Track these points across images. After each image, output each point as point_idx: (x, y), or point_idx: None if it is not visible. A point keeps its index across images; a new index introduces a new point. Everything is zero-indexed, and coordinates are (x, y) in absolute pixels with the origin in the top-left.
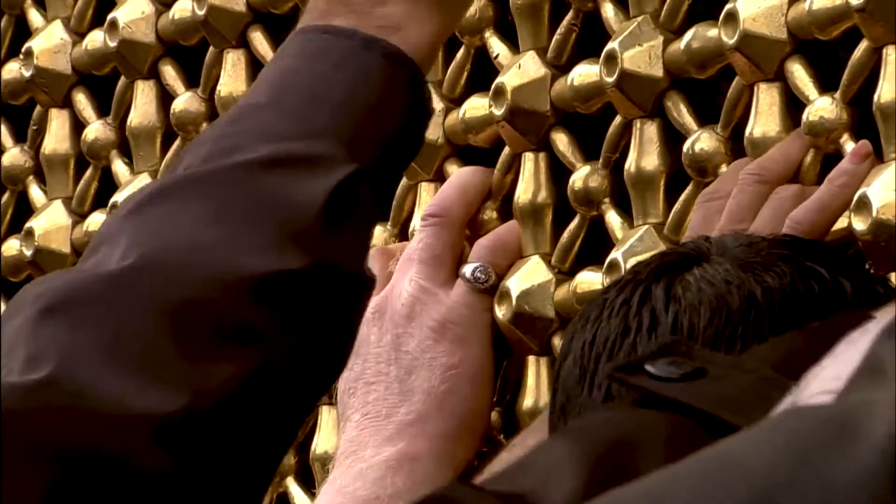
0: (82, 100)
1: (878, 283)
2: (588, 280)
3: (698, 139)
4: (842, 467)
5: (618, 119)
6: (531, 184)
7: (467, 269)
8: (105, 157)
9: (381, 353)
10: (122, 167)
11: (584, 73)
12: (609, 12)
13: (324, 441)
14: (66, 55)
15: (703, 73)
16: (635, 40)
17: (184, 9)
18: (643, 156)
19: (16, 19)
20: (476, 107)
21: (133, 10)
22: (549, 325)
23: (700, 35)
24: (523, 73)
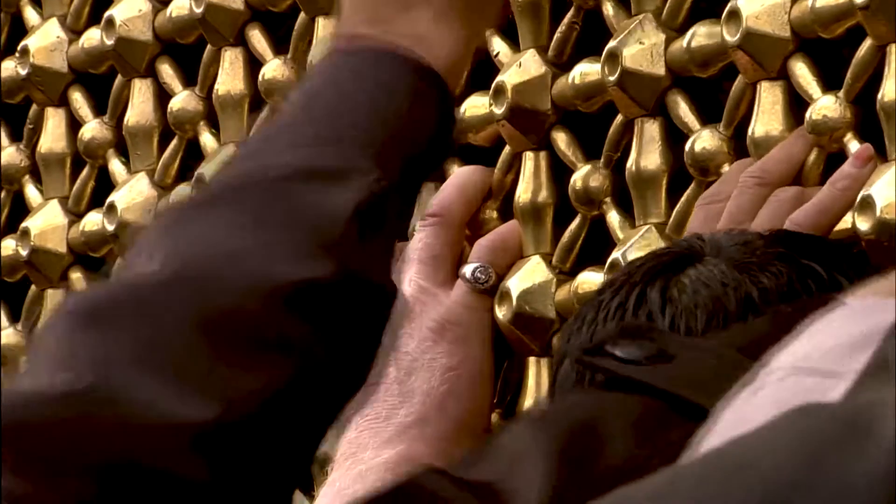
0: (79, 98)
1: (875, 276)
2: (589, 280)
3: (700, 138)
4: (856, 468)
5: (619, 118)
6: (532, 183)
7: (467, 270)
8: (102, 156)
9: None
10: (119, 166)
11: (586, 71)
12: (610, 10)
13: None
14: (63, 53)
15: (705, 72)
16: (637, 38)
17: (181, 7)
18: (645, 155)
19: (12, 17)
20: (476, 105)
21: (130, 7)
22: (549, 325)
23: (702, 33)
24: (524, 72)
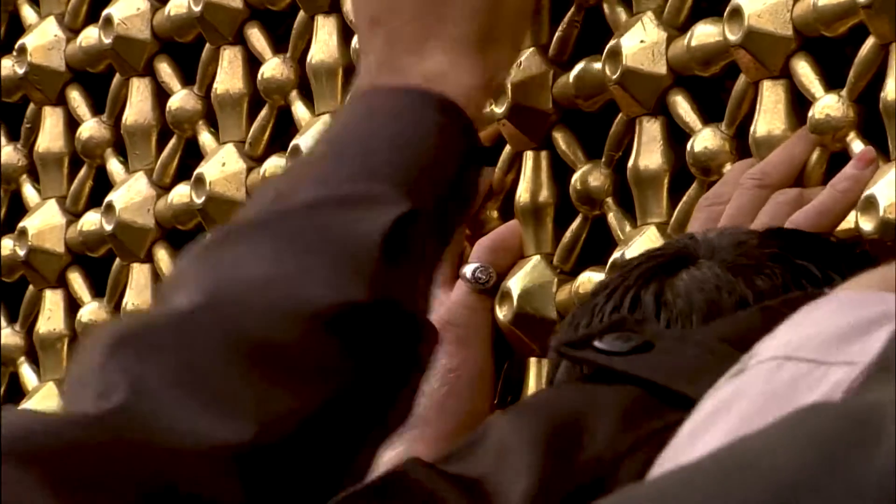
0: (76, 97)
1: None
2: (590, 280)
3: (702, 137)
4: (868, 467)
5: (620, 117)
6: (532, 183)
7: (468, 270)
8: (100, 155)
9: None
10: (117, 166)
11: (587, 70)
12: (612, 8)
13: None
14: (60, 52)
15: (706, 71)
16: (638, 37)
17: (180, 5)
18: (646, 154)
19: (9, 15)
20: None
21: (128, 6)
22: (550, 326)
23: (704, 32)
24: (524, 71)
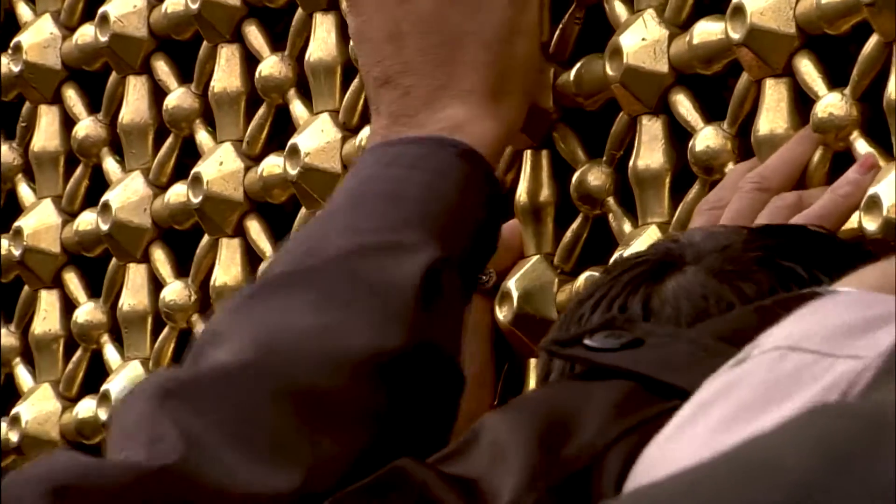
0: (72, 96)
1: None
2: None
3: (704, 136)
4: (880, 470)
5: (622, 115)
6: (533, 182)
7: None
8: (96, 154)
9: None
10: (114, 165)
11: (588, 68)
12: (613, 6)
13: None
14: (56, 50)
15: (709, 69)
16: (640, 35)
17: (177, 2)
18: (647, 153)
19: (4, 13)
20: None
21: (124, 3)
22: (551, 326)
23: (706, 29)
24: None
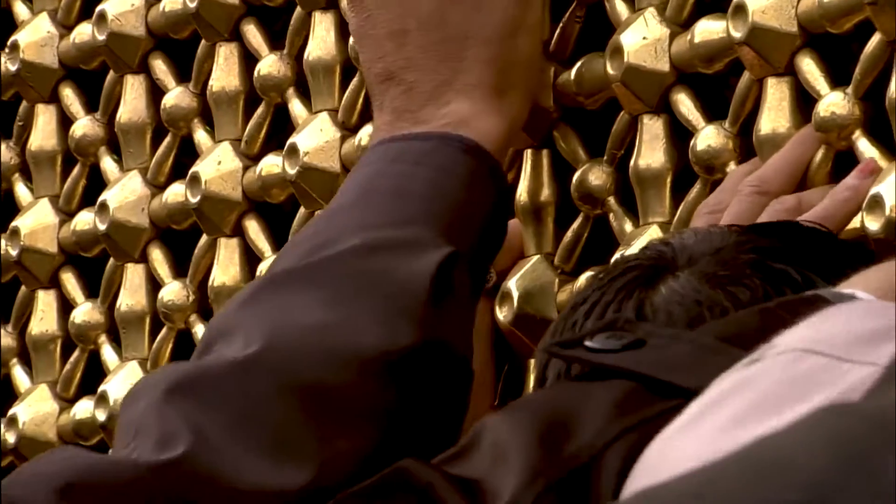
0: (70, 95)
1: (850, 265)
2: None
3: (705, 135)
4: (892, 470)
5: (623, 115)
6: (533, 181)
7: None
8: (93, 153)
9: None
10: (111, 164)
11: (588, 67)
12: (614, 5)
13: None
14: (53, 49)
15: (710, 68)
16: (641, 33)
17: (175, 1)
18: (648, 152)
19: (1, 11)
20: None
21: (122, 2)
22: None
23: (707, 28)
24: None
